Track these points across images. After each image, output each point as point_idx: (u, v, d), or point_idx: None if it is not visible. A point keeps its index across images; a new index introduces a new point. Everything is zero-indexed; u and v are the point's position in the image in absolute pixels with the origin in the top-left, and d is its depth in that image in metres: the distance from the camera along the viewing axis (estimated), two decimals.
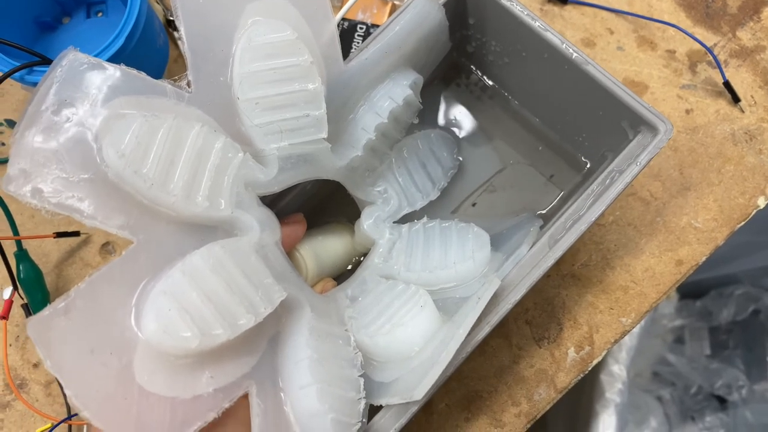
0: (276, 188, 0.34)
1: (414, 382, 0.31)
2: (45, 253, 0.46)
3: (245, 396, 0.29)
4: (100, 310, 0.27)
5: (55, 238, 0.44)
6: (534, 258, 0.35)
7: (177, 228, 0.30)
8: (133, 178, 0.28)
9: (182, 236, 0.30)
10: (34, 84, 0.41)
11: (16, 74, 0.39)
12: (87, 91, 0.28)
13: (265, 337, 0.31)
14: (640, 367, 0.96)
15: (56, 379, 0.44)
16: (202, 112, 0.31)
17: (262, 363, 0.30)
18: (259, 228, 0.31)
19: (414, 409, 0.31)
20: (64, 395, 0.43)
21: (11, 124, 0.49)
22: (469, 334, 0.31)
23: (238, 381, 0.29)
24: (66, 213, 0.27)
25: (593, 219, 0.34)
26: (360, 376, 0.33)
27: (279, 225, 0.34)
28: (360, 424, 0.31)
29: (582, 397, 0.81)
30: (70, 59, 0.28)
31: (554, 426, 0.85)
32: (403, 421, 0.31)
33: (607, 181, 0.35)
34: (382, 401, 0.32)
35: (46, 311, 0.26)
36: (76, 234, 0.45)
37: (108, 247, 0.47)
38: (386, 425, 0.32)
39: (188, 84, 0.31)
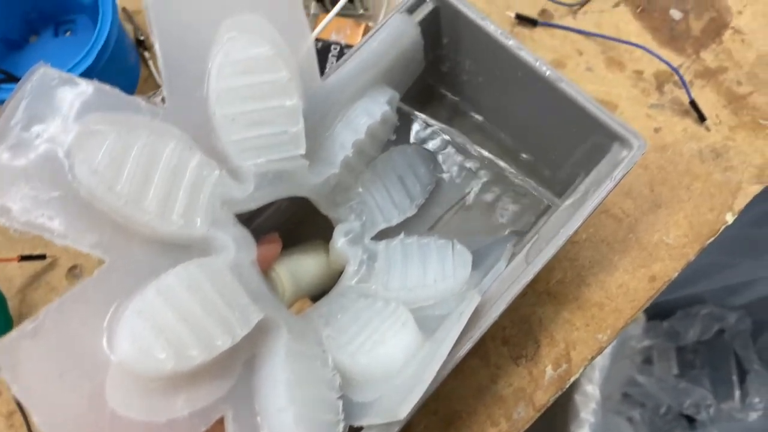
0: (252, 205, 0.33)
1: (396, 400, 0.30)
2: (8, 277, 0.45)
3: (221, 420, 0.28)
4: (70, 331, 0.26)
5: (19, 261, 0.43)
6: (513, 273, 0.34)
7: (151, 247, 0.29)
8: (106, 195, 0.27)
9: (156, 256, 0.29)
10: (1, 102, 0.39)
11: None
12: (58, 107, 0.27)
13: (241, 360, 0.30)
14: (611, 389, 0.97)
15: (19, 409, 0.42)
16: (177, 128, 0.31)
17: (237, 386, 0.29)
18: (235, 247, 0.31)
19: (396, 429, 0.31)
20: (27, 425, 0.41)
21: None
22: (451, 350, 0.31)
23: (213, 404, 0.28)
24: (36, 232, 0.26)
25: (570, 233, 0.34)
26: (339, 398, 0.32)
27: (255, 244, 0.33)
28: None
29: (556, 418, 0.81)
30: (40, 74, 0.27)
31: None
32: None
33: (582, 197, 0.36)
34: (364, 422, 0.31)
35: (14, 333, 0.25)
36: (41, 257, 0.44)
37: (75, 271, 0.45)
38: None
39: (163, 100, 0.31)
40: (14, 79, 0.39)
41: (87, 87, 0.28)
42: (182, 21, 0.31)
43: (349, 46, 0.48)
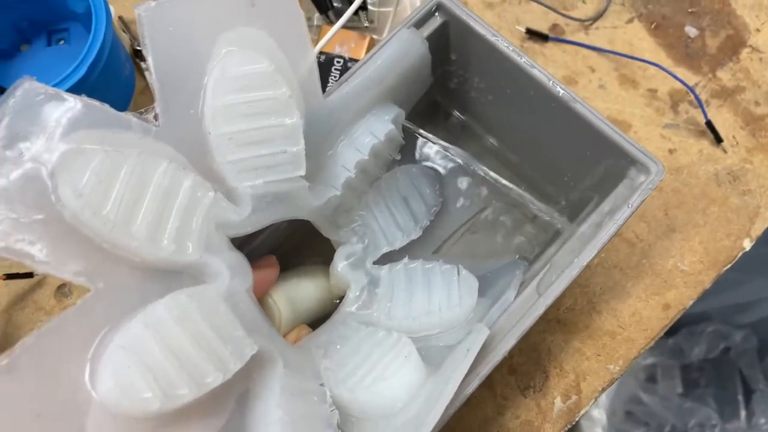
0: (249, 229, 0.31)
1: None
2: None
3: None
4: (49, 367, 0.24)
5: (4, 280, 0.41)
6: (523, 305, 0.33)
7: (140, 274, 0.27)
8: (91, 219, 0.25)
9: (146, 283, 0.27)
10: None
11: None
12: (43, 124, 0.26)
13: (234, 396, 0.28)
14: (614, 407, 0.95)
15: None
16: (170, 147, 0.29)
17: (229, 425, 0.27)
18: (229, 274, 0.29)
19: None
20: None
21: None
22: (457, 388, 0.29)
23: None
24: (15, 258, 0.24)
25: (584, 264, 0.32)
26: None
27: (250, 270, 0.31)
28: None
29: None
30: (25, 89, 0.26)
31: None
32: None
33: (597, 224, 0.34)
34: None
35: None
36: (28, 276, 0.42)
37: (64, 290, 0.43)
38: None
39: (155, 117, 0.29)
40: (3, 90, 0.37)
41: (75, 103, 0.27)
42: (177, 33, 0.29)
43: (353, 60, 0.47)
